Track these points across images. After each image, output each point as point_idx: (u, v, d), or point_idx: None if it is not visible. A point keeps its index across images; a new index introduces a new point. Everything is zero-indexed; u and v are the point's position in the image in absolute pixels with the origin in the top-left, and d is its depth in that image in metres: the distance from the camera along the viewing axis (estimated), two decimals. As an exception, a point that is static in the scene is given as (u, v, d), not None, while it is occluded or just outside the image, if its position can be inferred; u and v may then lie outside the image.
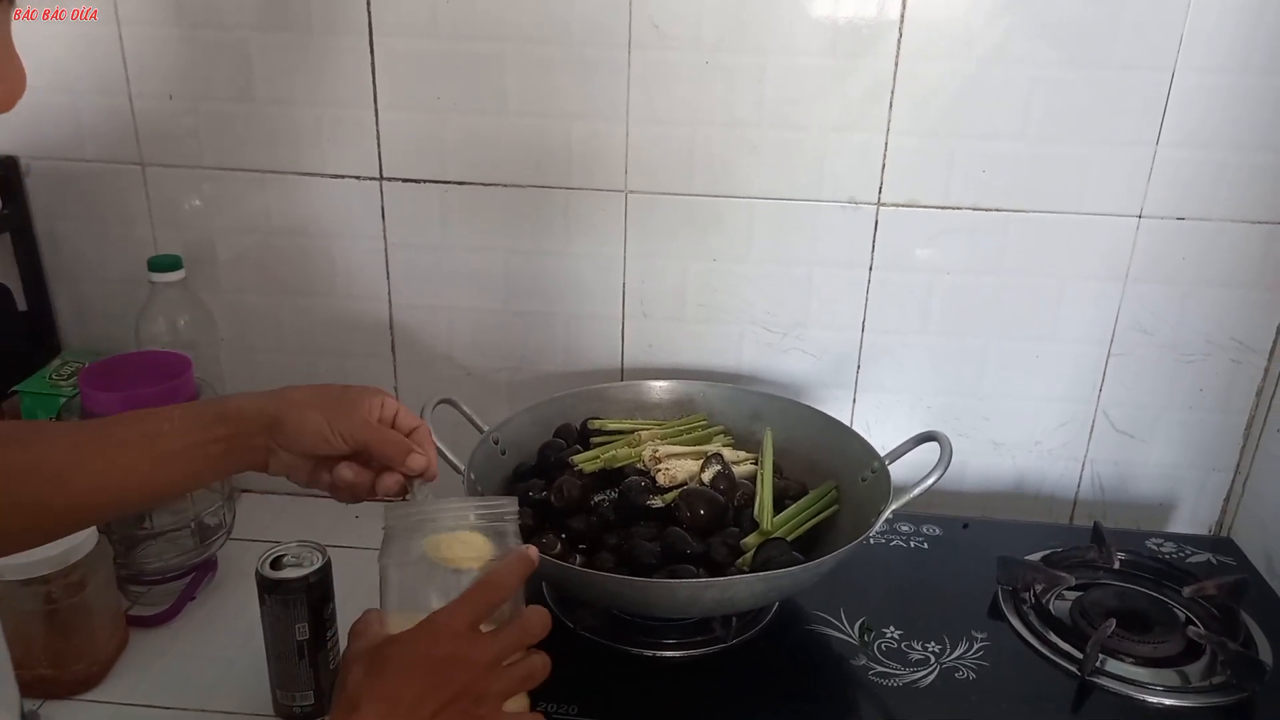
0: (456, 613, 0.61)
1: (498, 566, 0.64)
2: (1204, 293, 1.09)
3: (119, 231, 1.14)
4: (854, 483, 0.97)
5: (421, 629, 0.60)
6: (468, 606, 0.61)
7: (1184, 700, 0.85)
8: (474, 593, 0.62)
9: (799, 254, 1.10)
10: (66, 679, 0.90)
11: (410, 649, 0.60)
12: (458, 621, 0.60)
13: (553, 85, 1.05)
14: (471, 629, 0.61)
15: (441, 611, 0.61)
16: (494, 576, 0.63)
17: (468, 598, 0.62)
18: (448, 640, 0.60)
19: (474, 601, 0.62)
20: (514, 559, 0.64)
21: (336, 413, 0.70)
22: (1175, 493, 1.19)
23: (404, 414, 0.74)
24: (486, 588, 0.63)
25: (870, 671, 0.87)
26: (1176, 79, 1.00)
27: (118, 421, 0.71)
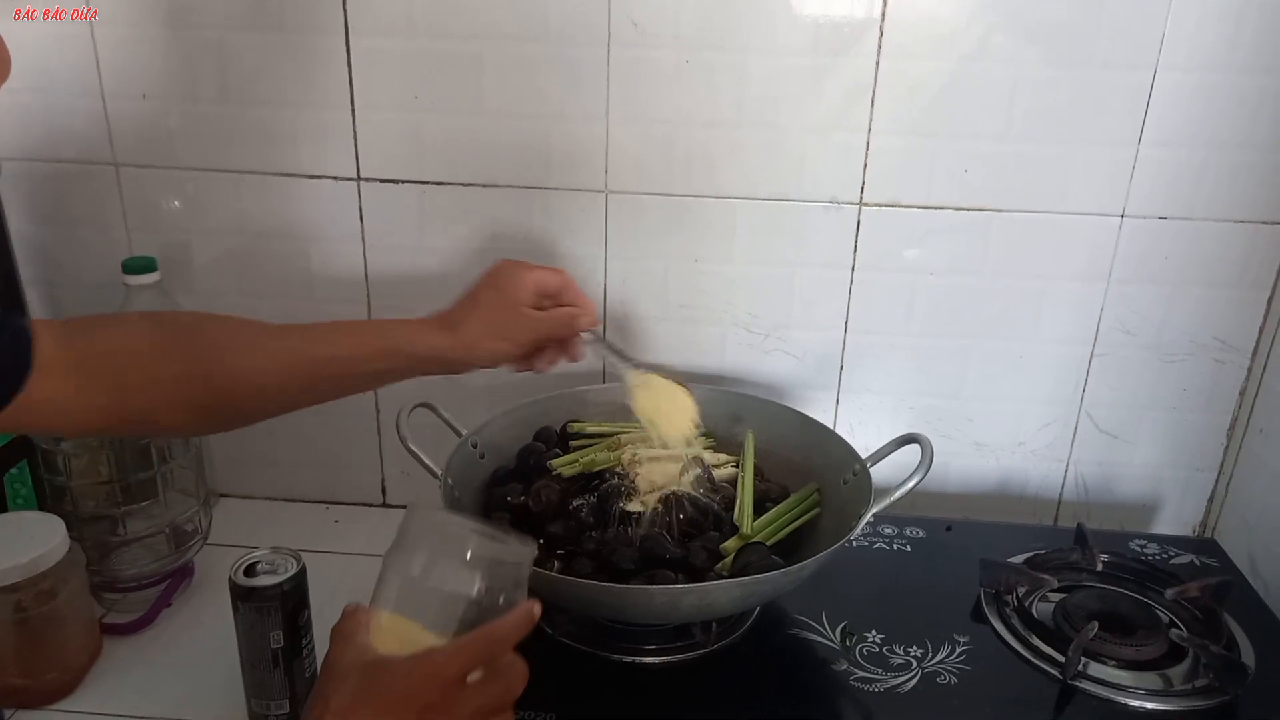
0: (454, 659, 0.59)
1: (503, 621, 0.61)
2: (1187, 292, 1.08)
3: (93, 233, 1.13)
4: (836, 485, 0.97)
5: (416, 665, 0.58)
6: (466, 655, 0.59)
7: (1166, 704, 0.85)
8: (476, 643, 0.60)
9: (781, 254, 1.10)
10: (38, 688, 0.89)
11: (401, 683, 0.58)
12: (453, 669, 0.59)
13: (532, 84, 1.04)
14: (461, 678, 0.59)
15: (440, 653, 0.59)
16: (499, 631, 0.61)
17: (468, 646, 0.60)
18: (438, 686, 0.58)
19: (473, 652, 0.60)
20: (520, 615, 0.62)
21: (509, 330, 0.81)
22: (1159, 493, 1.18)
23: (545, 277, 0.82)
24: (489, 641, 0.60)
25: (852, 676, 0.87)
26: (1159, 78, 1.00)
27: (299, 332, 0.79)
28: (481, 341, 0.80)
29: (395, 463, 1.22)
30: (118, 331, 0.75)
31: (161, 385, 0.73)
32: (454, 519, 0.66)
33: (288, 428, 1.19)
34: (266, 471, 1.23)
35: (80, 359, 0.70)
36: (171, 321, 0.80)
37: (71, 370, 0.69)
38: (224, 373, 0.76)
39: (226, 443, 1.21)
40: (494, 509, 0.94)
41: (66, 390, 0.69)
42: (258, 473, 1.23)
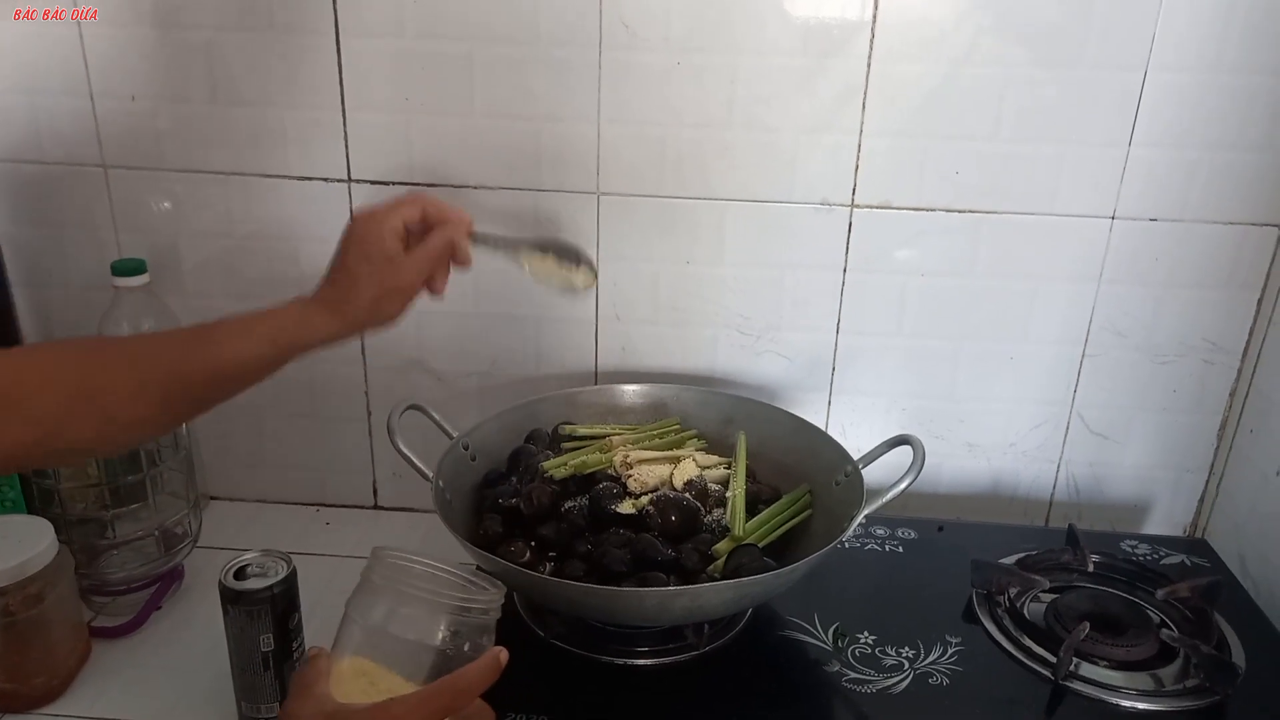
0: (415, 711, 0.57)
1: (468, 670, 0.60)
2: (1177, 294, 1.09)
3: (81, 235, 1.12)
4: (828, 486, 0.97)
5: (375, 718, 0.57)
6: (429, 707, 0.58)
7: (1157, 704, 0.85)
8: (439, 693, 0.58)
9: (772, 256, 1.10)
10: (25, 693, 0.88)
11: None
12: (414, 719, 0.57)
13: (523, 86, 1.03)
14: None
15: (401, 704, 0.57)
16: (462, 681, 0.59)
17: (431, 698, 0.58)
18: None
19: (436, 703, 0.58)
20: (485, 664, 0.61)
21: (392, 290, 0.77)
22: (1150, 494, 1.18)
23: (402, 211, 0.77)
24: (452, 692, 0.59)
25: (844, 678, 0.87)
26: (1149, 79, 1.00)
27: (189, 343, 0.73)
28: (368, 313, 0.77)
29: (386, 465, 1.21)
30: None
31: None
32: (420, 563, 0.64)
33: (278, 430, 1.20)
34: (256, 474, 1.22)
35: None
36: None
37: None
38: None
39: (217, 445, 1.21)
40: (485, 511, 0.94)
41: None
42: (248, 475, 1.22)
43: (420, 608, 0.62)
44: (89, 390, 0.66)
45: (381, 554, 0.63)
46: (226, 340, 0.72)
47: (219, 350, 0.72)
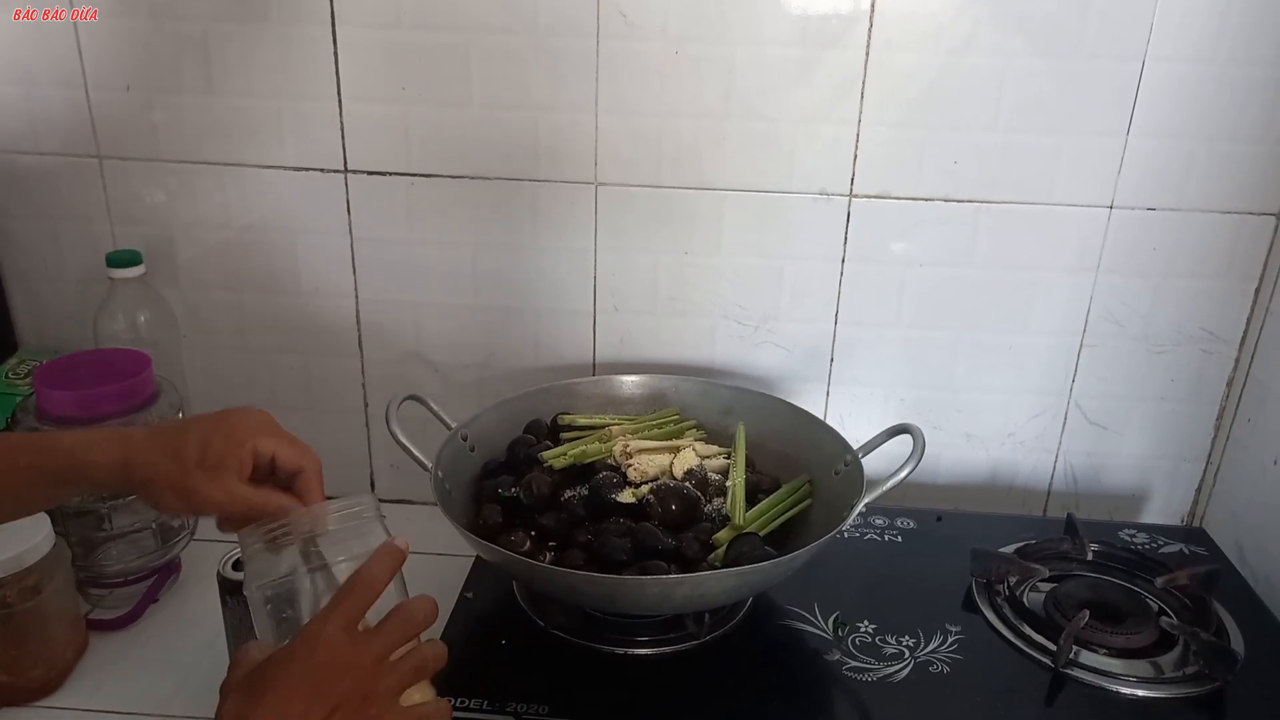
0: (328, 619, 0.58)
1: (365, 564, 0.61)
2: (1174, 283, 1.09)
3: (76, 227, 1.11)
4: (827, 476, 0.97)
5: (294, 643, 0.57)
6: (339, 610, 0.58)
7: (1157, 691, 0.85)
8: (343, 595, 0.59)
9: (771, 247, 1.09)
10: (23, 685, 0.88)
11: (286, 665, 0.56)
12: (331, 627, 0.57)
13: (520, 76, 1.03)
14: (348, 632, 0.58)
15: (313, 621, 0.58)
16: (362, 575, 0.60)
17: (337, 601, 0.59)
18: (324, 648, 0.57)
19: (344, 604, 0.58)
20: (380, 553, 0.61)
21: (195, 484, 0.65)
22: (1148, 484, 1.19)
23: (285, 454, 0.68)
24: (355, 588, 0.59)
25: (845, 666, 0.86)
26: (1147, 69, 1.00)
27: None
28: (157, 484, 0.65)
29: (384, 457, 1.21)
30: None
31: None
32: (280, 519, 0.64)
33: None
34: (253, 467, 1.22)
35: None
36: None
37: None
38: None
39: (213, 438, 1.20)
40: (484, 501, 0.94)
41: None
42: (245, 468, 1.22)
43: (295, 545, 0.63)
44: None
45: (241, 534, 0.64)
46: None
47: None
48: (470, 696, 0.80)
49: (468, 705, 0.80)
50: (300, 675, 0.56)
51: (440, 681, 0.81)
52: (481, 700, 0.80)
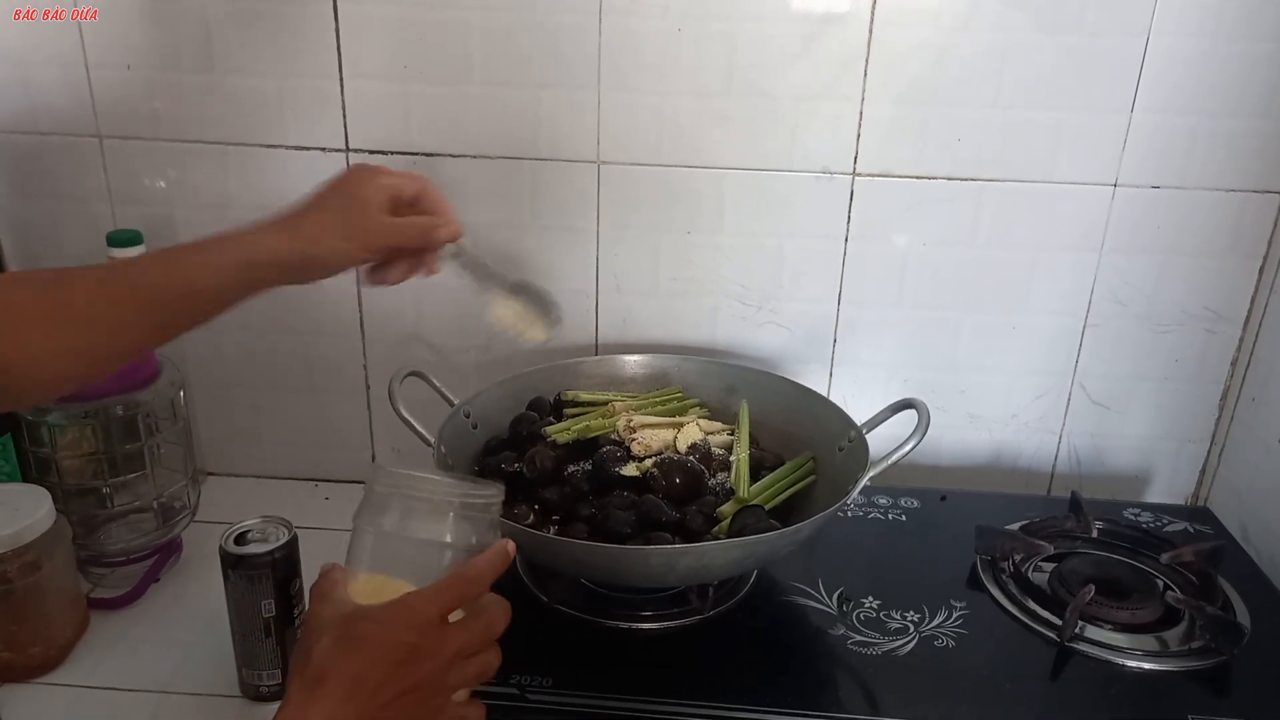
0: (432, 601, 0.59)
1: (478, 560, 0.62)
2: (1178, 262, 1.08)
3: (76, 207, 1.11)
4: (831, 453, 0.96)
5: (395, 611, 0.58)
6: (443, 597, 0.59)
7: (1163, 664, 0.85)
8: (451, 583, 0.60)
9: (773, 226, 1.09)
10: (23, 662, 0.88)
11: (382, 630, 0.58)
12: (431, 610, 0.59)
13: (521, 54, 1.03)
14: (442, 619, 0.59)
15: (417, 596, 0.59)
16: (472, 570, 0.61)
17: (445, 587, 0.60)
18: (419, 628, 0.58)
19: (450, 592, 0.60)
20: (494, 553, 0.63)
21: (355, 230, 0.72)
22: (1151, 464, 1.18)
23: (401, 182, 0.74)
24: (464, 581, 0.61)
25: (849, 640, 0.86)
26: (1150, 45, 1.00)
27: (150, 263, 0.71)
28: (323, 238, 0.71)
29: (385, 439, 1.20)
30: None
31: None
32: (419, 473, 0.65)
33: (276, 405, 1.19)
34: (254, 449, 1.21)
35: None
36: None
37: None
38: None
39: (213, 420, 1.20)
40: (487, 476, 0.93)
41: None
42: (245, 450, 1.22)
43: (425, 509, 0.63)
44: (62, 316, 0.65)
45: (381, 468, 0.65)
46: (188, 257, 0.70)
47: (181, 266, 0.69)
48: (474, 669, 0.80)
49: (471, 678, 0.79)
50: (390, 646, 0.57)
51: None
52: (485, 673, 0.79)
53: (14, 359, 0.63)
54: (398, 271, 0.77)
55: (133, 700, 0.86)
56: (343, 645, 0.57)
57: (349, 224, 0.72)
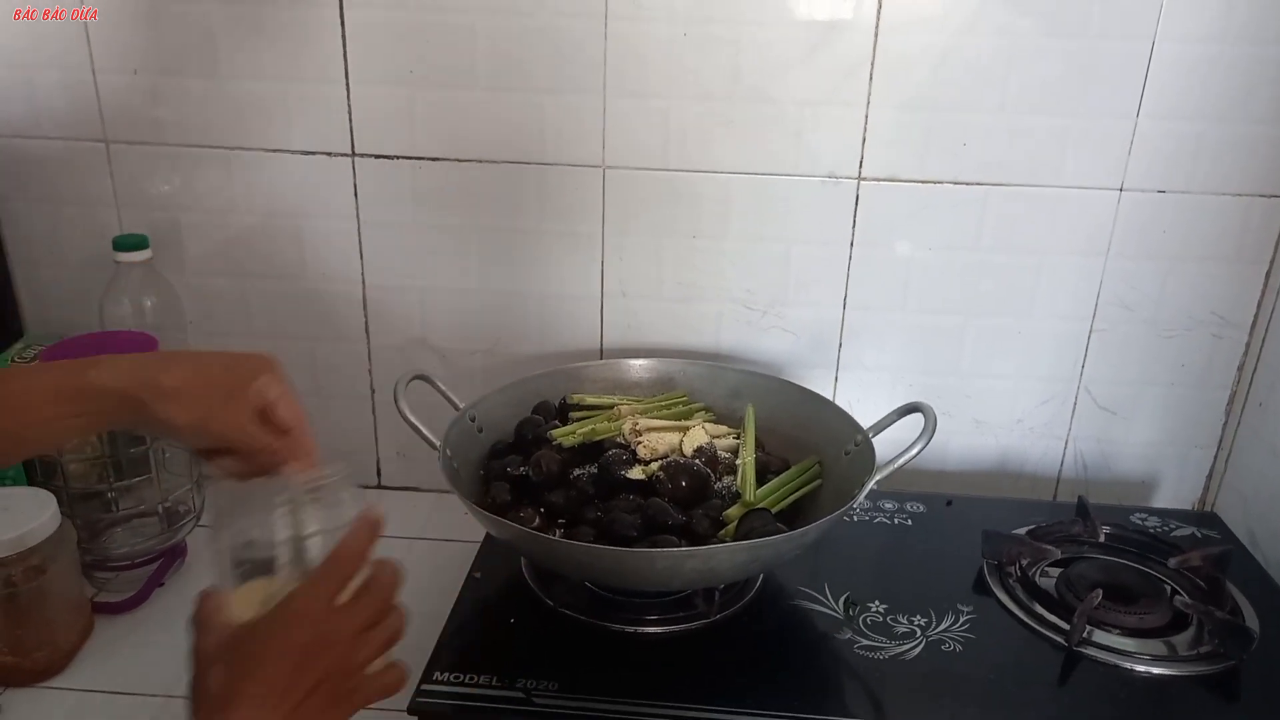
0: (312, 593, 0.58)
1: (345, 537, 0.60)
2: (1185, 267, 1.08)
3: (81, 211, 1.11)
4: (837, 457, 0.96)
5: (278, 616, 0.57)
6: (322, 585, 0.58)
7: (1172, 669, 0.84)
8: (325, 570, 0.59)
9: (778, 230, 1.09)
10: (27, 666, 0.88)
11: (272, 639, 0.56)
12: (315, 603, 0.57)
13: (527, 58, 1.03)
14: (329, 607, 0.58)
15: (296, 595, 0.58)
16: (342, 549, 0.59)
17: (320, 577, 0.59)
18: (309, 623, 0.56)
19: (326, 579, 0.58)
20: (359, 525, 0.61)
21: (209, 409, 0.64)
22: (1158, 470, 1.18)
23: (284, 406, 0.66)
24: (337, 562, 0.59)
25: (856, 645, 0.86)
26: (1157, 49, 1.00)
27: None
28: (175, 401, 0.63)
29: (390, 444, 1.20)
30: None
31: None
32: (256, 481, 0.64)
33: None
34: (259, 454, 1.21)
35: None
36: None
37: None
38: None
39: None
40: (493, 479, 0.93)
41: None
42: (250, 456, 1.21)
43: (274, 510, 0.62)
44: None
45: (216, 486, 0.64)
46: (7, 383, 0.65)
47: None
48: (480, 673, 0.80)
49: (477, 681, 0.79)
50: (285, 651, 0.56)
51: (449, 658, 0.82)
52: (491, 676, 0.79)
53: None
54: (232, 465, 0.67)
55: (136, 704, 0.86)
56: (238, 668, 0.55)
57: (211, 402, 0.64)
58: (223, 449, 0.66)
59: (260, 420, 0.66)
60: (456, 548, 1.08)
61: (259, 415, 0.66)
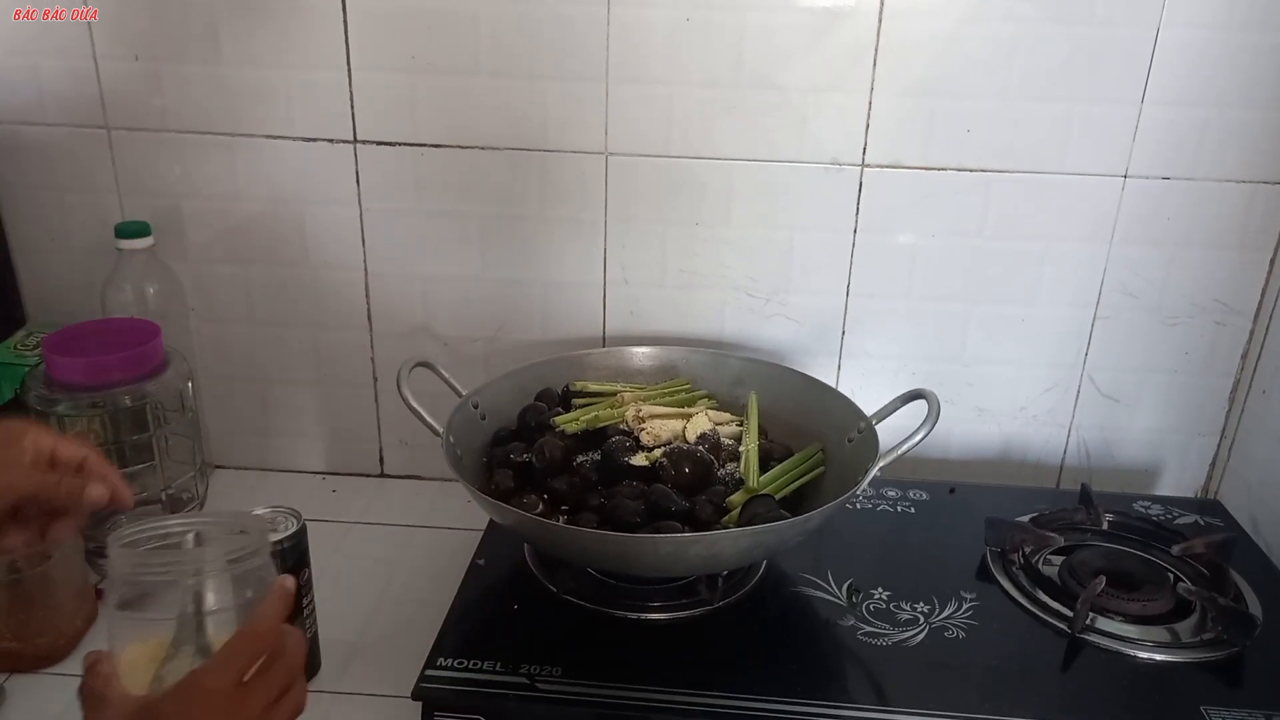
0: (220, 674, 0.55)
1: (259, 611, 0.58)
2: (1189, 254, 1.08)
3: (83, 198, 1.11)
4: (840, 444, 0.96)
5: (184, 695, 0.54)
6: (232, 664, 0.56)
7: (1175, 655, 0.84)
8: (237, 647, 0.56)
9: (781, 217, 1.09)
10: (31, 652, 0.88)
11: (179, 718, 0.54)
12: (223, 681, 0.55)
13: (530, 44, 1.02)
14: (236, 684, 0.55)
15: (204, 672, 0.55)
16: (256, 624, 0.57)
17: (231, 654, 0.56)
18: (217, 704, 0.54)
19: (237, 657, 0.56)
20: (273, 599, 0.59)
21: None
22: (1161, 458, 1.18)
23: (64, 446, 0.65)
24: (250, 638, 0.57)
25: (859, 631, 0.86)
26: (1161, 35, 0.99)
27: None
28: None
29: (392, 432, 1.20)
30: None
31: None
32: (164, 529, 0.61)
33: (283, 398, 1.19)
34: (261, 442, 1.21)
35: None
36: None
37: None
38: None
39: (220, 414, 1.20)
40: (496, 466, 0.93)
41: None
42: (252, 443, 1.21)
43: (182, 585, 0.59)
44: None
45: (124, 546, 0.60)
46: None
47: None
48: (484, 658, 0.80)
49: (480, 667, 0.79)
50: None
51: (453, 644, 0.82)
52: (495, 662, 0.79)
53: None
54: (17, 537, 0.66)
55: (141, 690, 0.86)
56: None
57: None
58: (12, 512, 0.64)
59: (47, 466, 0.64)
60: (459, 535, 1.08)
61: (48, 465, 0.64)
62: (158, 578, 0.59)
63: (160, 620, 0.59)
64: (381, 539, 1.09)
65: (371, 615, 0.96)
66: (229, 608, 0.60)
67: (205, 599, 0.59)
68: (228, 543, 0.61)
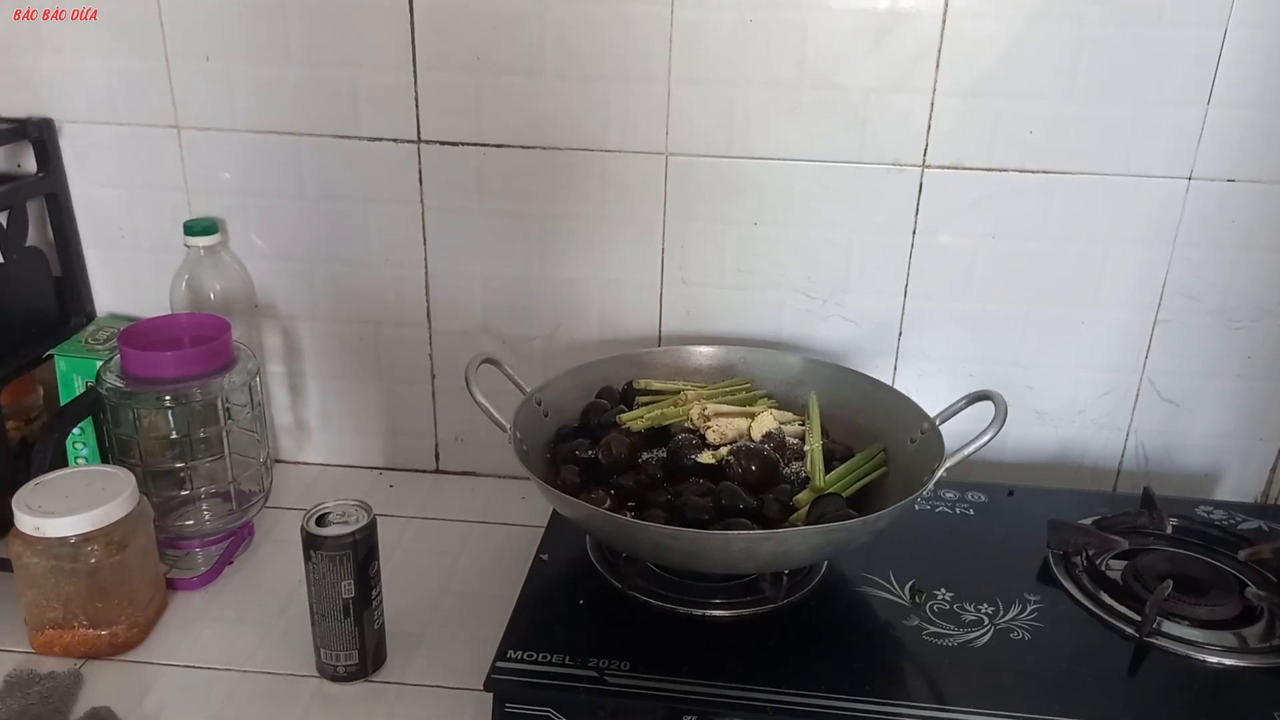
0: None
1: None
2: (1253, 257, 1.07)
3: (153, 195, 1.13)
4: (902, 445, 0.96)
5: None
6: None
7: (1243, 660, 0.84)
8: None
9: (840, 219, 1.09)
10: (108, 639, 0.89)
11: None
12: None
13: (594, 45, 1.03)
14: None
15: None
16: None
17: None
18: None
19: None
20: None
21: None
22: (1220, 463, 1.17)
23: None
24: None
25: (924, 632, 0.86)
26: (1229, 36, 0.98)
27: None
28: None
29: (449, 429, 1.21)
30: None
31: None
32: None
33: (343, 393, 1.20)
34: (319, 437, 1.23)
35: None
36: None
37: None
38: None
39: (281, 408, 1.21)
40: (561, 462, 0.94)
41: None
42: (311, 439, 1.23)
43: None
44: None
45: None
46: None
47: None
48: (553, 652, 0.81)
49: (549, 660, 0.80)
50: None
51: (522, 637, 0.83)
52: (564, 655, 0.80)
53: None
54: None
55: (213, 678, 0.88)
56: None
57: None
58: None
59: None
60: (515, 531, 1.09)
61: None
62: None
63: None
64: (440, 534, 1.10)
65: (434, 608, 0.97)
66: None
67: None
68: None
